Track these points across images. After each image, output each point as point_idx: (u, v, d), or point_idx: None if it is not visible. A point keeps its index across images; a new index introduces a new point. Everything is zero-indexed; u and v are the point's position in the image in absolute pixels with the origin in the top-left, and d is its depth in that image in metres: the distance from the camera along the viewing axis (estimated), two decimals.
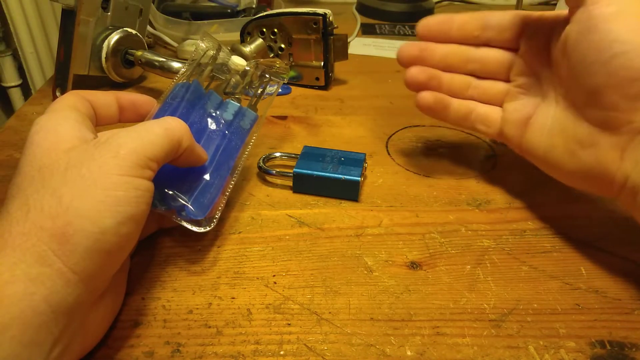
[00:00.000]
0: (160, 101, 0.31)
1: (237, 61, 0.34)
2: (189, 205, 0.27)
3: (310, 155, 0.37)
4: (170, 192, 0.27)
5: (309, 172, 0.35)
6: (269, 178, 0.37)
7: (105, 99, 0.28)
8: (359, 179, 0.34)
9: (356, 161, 0.36)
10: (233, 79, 0.34)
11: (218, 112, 0.31)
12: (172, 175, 0.28)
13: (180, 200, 0.27)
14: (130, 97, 0.29)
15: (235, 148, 0.31)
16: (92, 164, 0.21)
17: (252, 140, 0.33)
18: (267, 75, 0.35)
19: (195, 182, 0.28)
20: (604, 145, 0.27)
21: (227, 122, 0.31)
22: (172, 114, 0.29)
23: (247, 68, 0.35)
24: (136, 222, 0.22)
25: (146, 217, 0.23)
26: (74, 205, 0.20)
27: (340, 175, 0.34)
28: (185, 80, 0.32)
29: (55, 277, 0.19)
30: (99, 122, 0.28)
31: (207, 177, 0.29)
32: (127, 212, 0.21)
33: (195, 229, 0.28)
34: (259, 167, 0.37)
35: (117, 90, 0.29)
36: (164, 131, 0.24)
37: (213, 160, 0.29)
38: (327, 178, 0.34)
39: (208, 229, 0.28)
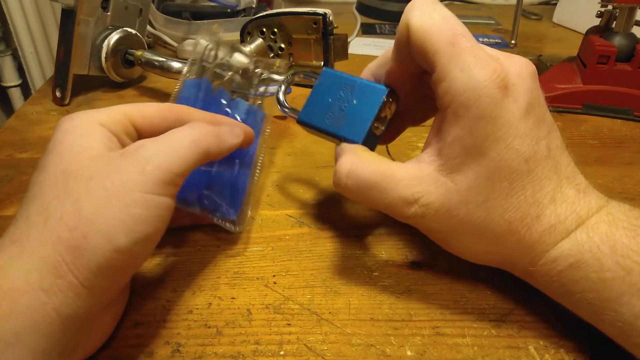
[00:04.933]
0: (172, 100, 0.31)
1: (240, 59, 0.34)
2: (224, 205, 0.28)
3: (325, 88, 0.28)
4: (206, 193, 0.27)
5: (310, 122, 0.28)
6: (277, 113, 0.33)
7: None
8: (359, 141, 0.26)
9: (369, 104, 0.26)
10: (237, 77, 0.34)
11: (232, 110, 0.31)
12: (204, 175, 0.28)
13: (216, 200, 0.27)
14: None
15: (253, 146, 0.31)
16: (116, 177, 0.21)
17: (265, 136, 0.33)
18: (269, 75, 0.34)
19: (228, 182, 0.29)
20: None
21: (242, 120, 0.31)
22: None
23: (251, 67, 0.35)
24: (151, 241, 0.22)
25: (162, 235, 0.23)
26: (92, 220, 0.20)
27: (340, 133, 0.27)
28: (194, 78, 0.32)
29: (66, 289, 0.19)
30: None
31: (236, 175, 0.29)
32: (144, 232, 0.21)
33: (231, 228, 0.28)
34: (278, 100, 0.31)
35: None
36: (192, 143, 0.23)
37: (239, 158, 0.29)
38: (328, 133, 0.28)
39: (241, 228, 0.29)
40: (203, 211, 0.28)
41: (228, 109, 0.31)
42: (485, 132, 0.22)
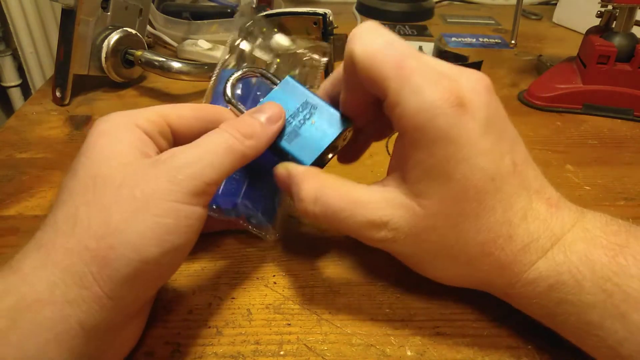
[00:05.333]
0: (209, 93, 0.29)
1: (281, 41, 0.31)
2: (260, 214, 0.28)
3: (283, 98, 0.27)
4: (241, 201, 0.27)
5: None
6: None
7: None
8: (307, 164, 0.25)
9: (326, 131, 0.25)
10: (277, 62, 0.31)
11: None
12: (240, 183, 0.28)
13: (251, 208, 0.27)
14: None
15: None
16: (147, 186, 0.20)
17: None
18: (311, 56, 0.31)
19: (264, 189, 0.28)
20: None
21: None
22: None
23: (292, 50, 0.31)
24: (181, 252, 0.21)
25: (192, 246, 0.22)
26: (120, 229, 0.19)
27: (288, 150, 0.26)
28: (232, 68, 0.30)
29: (91, 301, 0.19)
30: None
31: (272, 182, 0.27)
32: (174, 243, 0.20)
33: (265, 236, 0.28)
34: (224, 92, 0.28)
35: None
36: (226, 150, 0.22)
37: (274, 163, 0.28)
38: (276, 146, 0.26)
39: (277, 235, 0.29)
40: (238, 219, 0.28)
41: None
42: (446, 154, 0.21)
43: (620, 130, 0.46)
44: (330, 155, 0.27)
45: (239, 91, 0.30)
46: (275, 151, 0.26)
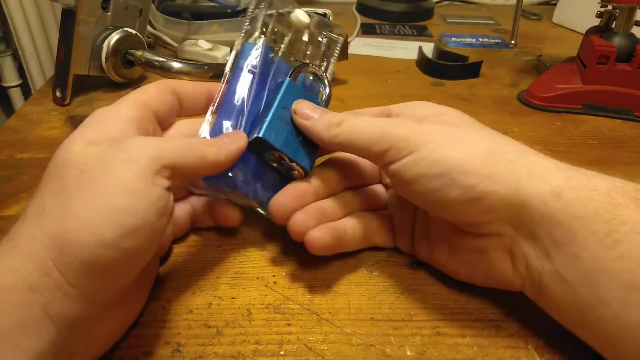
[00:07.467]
0: (232, 64, 0.29)
1: (301, 17, 0.30)
2: (258, 187, 0.28)
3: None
4: (236, 172, 0.26)
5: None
6: None
7: (195, 90, 0.29)
8: (257, 135, 0.26)
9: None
10: (287, 38, 0.30)
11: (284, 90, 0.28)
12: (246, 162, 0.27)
13: (247, 182, 0.27)
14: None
15: None
16: (104, 167, 0.20)
17: None
18: (330, 36, 0.31)
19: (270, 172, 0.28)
20: (489, 249, 0.25)
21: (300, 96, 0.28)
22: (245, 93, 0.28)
23: (311, 29, 0.31)
24: (143, 236, 0.20)
25: (162, 231, 0.21)
26: (77, 212, 0.19)
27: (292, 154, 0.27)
28: (253, 42, 0.29)
29: (53, 288, 0.19)
30: (184, 113, 0.29)
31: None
32: (131, 224, 0.19)
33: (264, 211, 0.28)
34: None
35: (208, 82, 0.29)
36: (185, 143, 0.23)
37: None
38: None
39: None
40: (248, 201, 0.27)
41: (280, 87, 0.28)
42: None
43: (620, 130, 0.46)
44: (274, 156, 0.27)
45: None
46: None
